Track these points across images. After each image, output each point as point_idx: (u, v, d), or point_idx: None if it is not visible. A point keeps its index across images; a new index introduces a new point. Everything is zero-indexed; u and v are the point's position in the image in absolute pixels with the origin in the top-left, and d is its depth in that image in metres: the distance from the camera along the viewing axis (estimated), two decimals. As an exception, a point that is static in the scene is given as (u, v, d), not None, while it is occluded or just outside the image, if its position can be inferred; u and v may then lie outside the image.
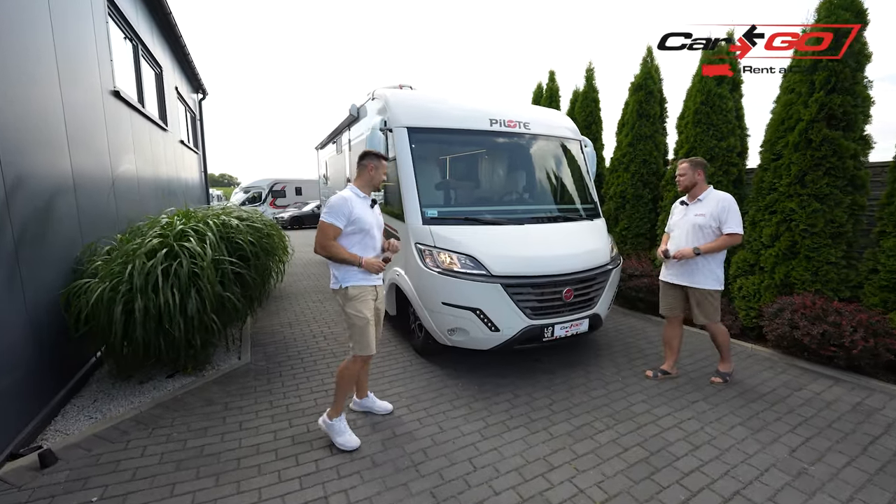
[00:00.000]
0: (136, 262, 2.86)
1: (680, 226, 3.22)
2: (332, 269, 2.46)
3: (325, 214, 2.35)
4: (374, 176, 2.50)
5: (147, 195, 5.50)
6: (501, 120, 3.83)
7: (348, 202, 2.35)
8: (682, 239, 3.17)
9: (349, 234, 2.39)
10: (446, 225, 3.36)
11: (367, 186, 2.52)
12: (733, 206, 3.02)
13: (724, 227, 3.00)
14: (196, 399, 2.97)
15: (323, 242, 2.34)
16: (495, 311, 3.11)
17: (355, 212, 2.36)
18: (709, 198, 3.09)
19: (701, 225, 3.06)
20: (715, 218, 3.02)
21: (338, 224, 2.33)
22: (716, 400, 3.01)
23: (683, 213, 3.23)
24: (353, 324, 2.41)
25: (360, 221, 2.38)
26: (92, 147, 3.78)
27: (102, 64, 4.23)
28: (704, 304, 3.13)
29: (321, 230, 2.37)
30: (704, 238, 3.06)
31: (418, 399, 3.02)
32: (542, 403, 2.96)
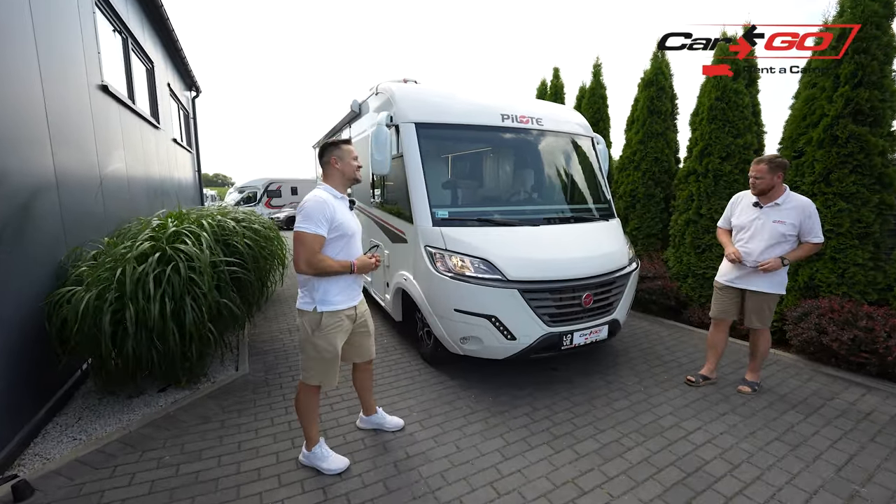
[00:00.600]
0: (126, 268, 2.63)
1: (755, 230, 2.92)
2: (305, 286, 2.08)
3: (304, 222, 1.95)
4: (345, 168, 2.14)
5: (138, 195, 5.25)
6: (513, 115, 3.64)
7: (326, 204, 2.00)
8: (759, 245, 2.88)
9: (331, 241, 2.05)
10: (458, 226, 3.16)
11: (342, 184, 2.18)
12: (816, 213, 2.80)
13: (809, 235, 2.80)
14: (190, 416, 2.75)
15: (310, 259, 1.95)
16: (512, 319, 2.92)
17: (336, 215, 2.03)
18: (788, 203, 2.83)
19: (783, 233, 2.82)
20: (797, 226, 2.80)
21: (321, 232, 1.97)
22: (745, 411, 2.84)
23: (757, 215, 2.92)
24: (319, 357, 2.07)
25: (343, 226, 2.06)
26: (77, 144, 3.54)
27: (89, 57, 3.98)
28: (764, 309, 2.96)
29: (303, 243, 1.95)
30: (784, 246, 2.84)
31: (430, 413, 2.82)
32: (563, 417, 2.76)
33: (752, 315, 3.00)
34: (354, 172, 2.18)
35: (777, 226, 2.84)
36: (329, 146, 2.16)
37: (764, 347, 3.07)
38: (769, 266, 2.81)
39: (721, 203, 4.46)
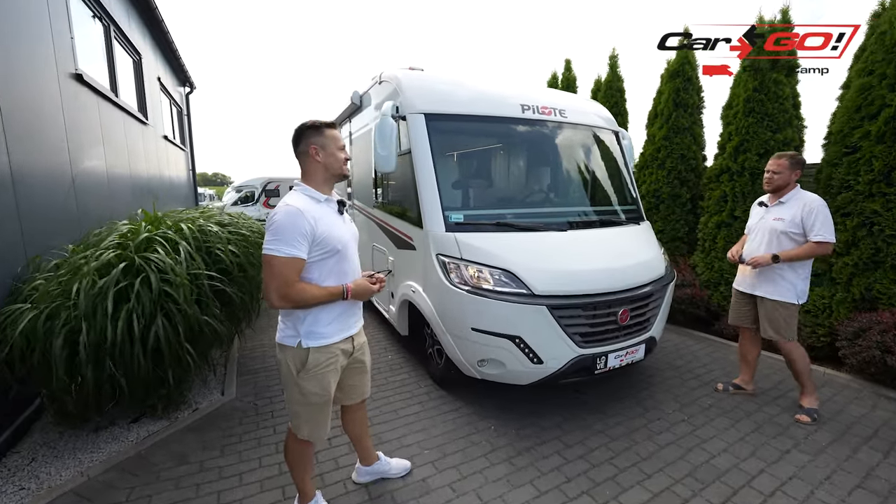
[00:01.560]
0: (83, 282, 2.22)
1: (756, 230, 2.84)
2: (285, 316, 1.65)
3: (273, 242, 1.49)
4: (329, 161, 1.65)
5: (121, 195, 4.84)
6: (534, 106, 3.23)
7: (302, 215, 1.52)
8: (757, 246, 2.79)
9: (315, 262, 1.59)
10: (475, 232, 2.76)
11: (325, 181, 1.68)
12: (823, 209, 2.56)
13: (811, 233, 2.55)
14: (164, 455, 2.34)
15: (284, 291, 1.49)
16: (539, 339, 2.52)
17: (319, 226, 1.55)
18: (792, 200, 2.68)
19: (780, 231, 2.64)
20: (797, 224, 2.60)
21: (297, 253, 1.50)
22: (810, 448, 2.44)
23: (761, 215, 2.84)
24: (309, 404, 1.65)
25: (328, 240, 1.58)
26: (42, 137, 3.14)
27: (60, 41, 3.57)
28: (775, 317, 2.71)
29: (271, 271, 1.49)
30: (783, 246, 2.65)
31: (444, 451, 2.42)
32: (601, 457, 2.36)
33: (764, 323, 2.78)
34: (341, 167, 1.68)
35: (775, 223, 2.67)
36: (308, 130, 1.64)
37: (799, 365, 2.74)
38: (755, 261, 2.66)
39: (758, 204, 4.06)
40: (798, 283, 2.66)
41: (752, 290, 2.81)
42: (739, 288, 2.94)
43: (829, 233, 2.52)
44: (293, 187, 1.68)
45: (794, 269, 2.66)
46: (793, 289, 2.67)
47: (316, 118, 1.68)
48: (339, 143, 1.69)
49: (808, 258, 2.62)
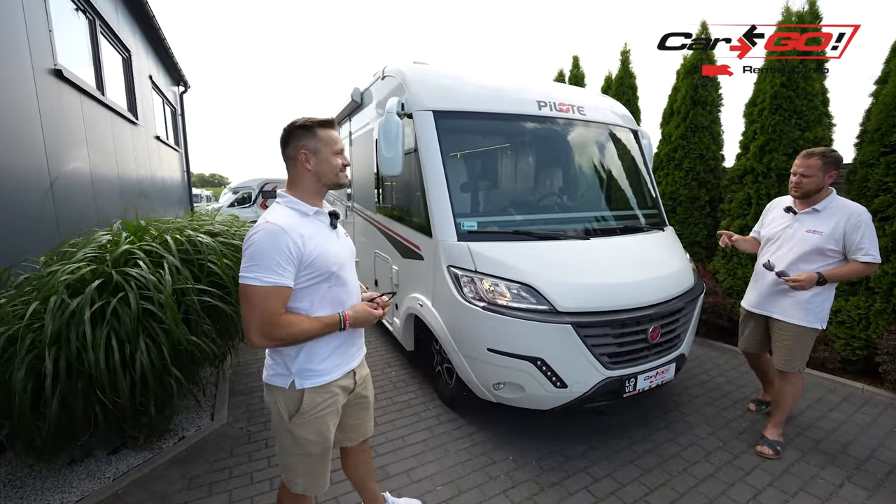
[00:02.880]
0: (52, 301, 1.96)
1: (781, 240, 2.39)
2: (273, 351, 1.39)
3: (251, 269, 1.22)
4: (320, 168, 1.37)
5: (107, 198, 4.56)
6: (552, 103, 2.98)
7: (285, 234, 1.25)
8: (786, 259, 2.34)
9: (304, 288, 1.32)
10: (490, 241, 2.50)
11: (316, 192, 1.41)
12: (870, 223, 2.17)
13: (858, 252, 2.16)
14: (145, 495, 2.08)
15: (268, 328, 1.23)
16: (562, 361, 2.26)
17: (307, 246, 1.29)
18: (830, 209, 2.25)
19: (818, 246, 2.22)
20: (837, 239, 2.19)
21: (281, 281, 1.24)
22: (865, 480, 2.20)
23: (789, 223, 2.39)
24: (302, 453, 1.40)
25: (319, 261, 1.31)
26: (13, 137, 2.87)
27: (36, 34, 3.30)
28: (794, 347, 2.33)
29: (253, 305, 1.22)
30: (817, 264, 2.24)
31: (459, 487, 2.16)
32: (635, 493, 2.11)
33: (780, 353, 2.38)
34: (336, 175, 1.40)
35: (811, 236, 2.24)
36: (298, 131, 1.36)
37: (790, 399, 2.42)
38: (800, 281, 2.17)
39: (785, 207, 3.82)
40: (826, 305, 2.30)
41: (770, 312, 2.42)
42: (751, 308, 2.53)
43: (877, 251, 2.16)
44: (276, 198, 1.40)
45: (825, 292, 2.28)
46: (818, 311, 2.29)
47: (309, 116, 1.39)
48: (336, 147, 1.39)
49: (852, 279, 2.33)
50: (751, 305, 2.55)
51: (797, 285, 2.21)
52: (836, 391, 3.16)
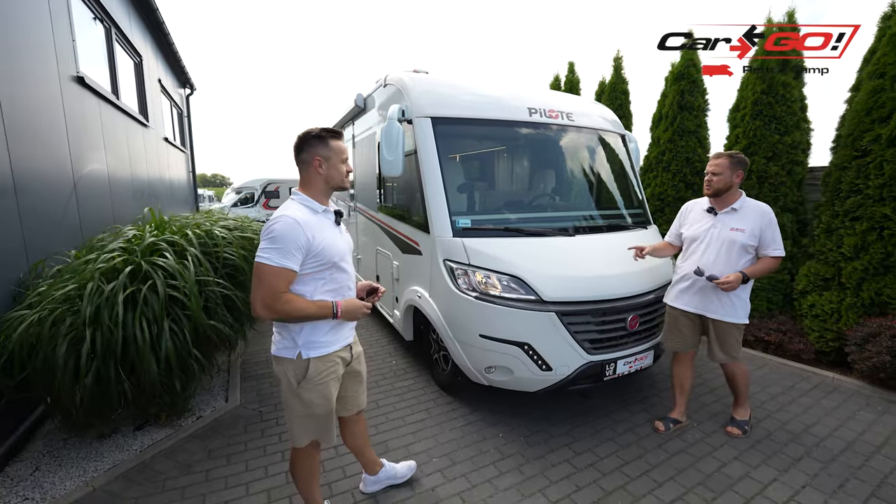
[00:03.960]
0: (89, 287, 2.19)
1: (707, 240, 2.50)
2: (282, 326, 1.62)
3: (268, 251, 1.45)
4: (330, 173, 1.61)
5: (122, 198, 4.80)
6: (542, 109, 3.21)
7: (301, 227, 1.48)
8: (713, 258, 2.46)
9: (310, 274, 1.56)
10: (483, 237, 2.73)
11: (324, 193, 1.65)
12: (776, 221, 2.40)
13: (769, 248, 2.38)
14: (169, 464, 2.31)
15: (270, 301, 1.46)
16: (548, 346, 2.49)
17: (316, 239, 1.52)
18: (745, 209, 2.44)
19: (743, 244, 2.39)
20: (756, 236, 2.38)
21: (289, 265, 1.47)
22: (823, 455, 2.42)
23: (711, 223, 2.51)
24: (312, 414, 1.63)
25: (325, 252, 1.55)
26: (44, 141, 3.10)
27: (62, 45, 3.54)
28: (730, 341, 2.51)
29: (262, 280, 1.46)
30: (741, 261, 2.41)
31: (453, 459, 2.39)
32: (611, 465, 2.34)
33: (714, 346, 2.55)
34: (342, 180, 1.65)
35: (735, 234, 2.40)
36: (313, 139, 1.59)
37: (743, 383, 2.63)
38: (730, 282, 2.30)
39: (765, 207, 4.04)
40: (747, 300, 2.49)
41: (706, 312, 2.51)
42: (682, 308, 2.58)
43: (782, 246, 2.39)
44: (291, 195, 1.64)
45: (746, 287, 2.45)
46: (746, 307, 2.48)
47: (321, 127, 1.63)
48: (343, 156, 1.64)
49: (767, 273, 2.47)
50: (684, 305, 2.58)
51: (728, 287, 2.32)
52: (808, 380, 3.37)
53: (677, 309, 2.62)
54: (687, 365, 2.71)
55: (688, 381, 2.73)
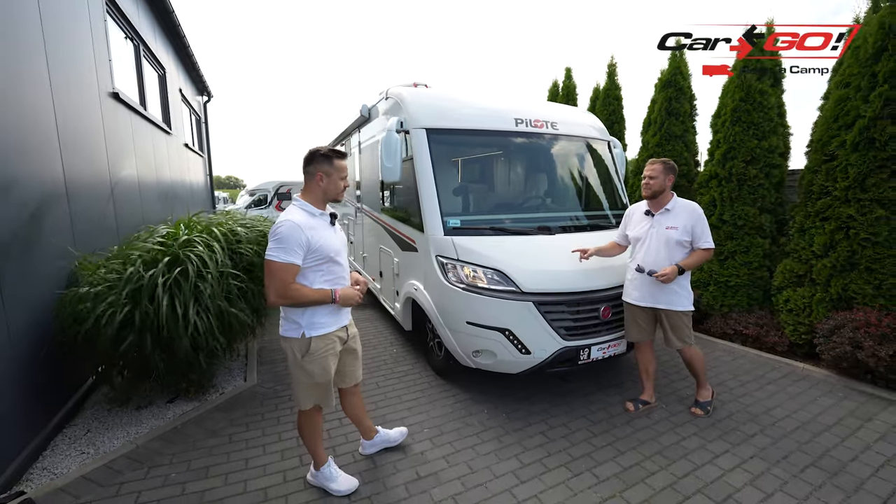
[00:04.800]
0: (129, 271, 2.60)
1: (648, 239, 2.81)
2: (288, 312, 1.94)
3: (275, 250, 1.79)
4: (329, 187, 1.94)
5: (149, 201, 5.26)
6: (527, 119, 3.52)
7: (300, 229, 1.81)
8: (654, 255, 2.76)
9: (311, 267, 1.88)
10: (470, 236, 3.06)
11: (322, 200, 1.98)
12: (704, 217, 2.72)
13: (700, 241, 2.69)
14: (198, 429, 2.70)
15: (281, 291, 1.80)
16: (526, 332, 2.81)
17: (314, 238, 1.84)
18: (677, 208, 2.76)
19: (677, 240, 2.71)
20: (688, 231, 2.69)
21: (294, 260, 1.80)
22: (776, 432, 2.68)
23: (649, 224, 2.82)
24: (314, 383, 1.96)
25: (322, 249, 1.87)
26: (88, 152, 3.54)
27: (100, 64, 3.98)
28: (680, 327, 2.80)
29: (273, 274, 1.79)
30: (678, 255, 2.72)
31: (442, 430, 2.72)
32: (581, 437, 2.64)
33: (669, 335, 2.83)
34: (338, 193, 1.98)
35: (670, 232, 2.72)
36: (320, 157, 1.91)
37: (699, 366, 2.90)
38: (666, 274, 2.61)
39: (745, 209, 4.28)
40: (689, 288, 2.80)
41: (651, 304, 2.80)
42: (639, 303, 2.85)
43: (711, 239, 2.70)
44: (293, 200, 2.00)
45: (686, 277, 2.78)
46: (689, 296, 2.78)
47: (330, 147, 1.96)
48: (343, 174, 1.96)
49: (700, 265, 2.75)
50: (637, 300, 2.86)
51: (665, 278, 2.62)
52: (779, 370, 3.61)
53: (631, 304, 2.92)
54: (647, 352, 3.00)
55: (651, 366, 3.02)
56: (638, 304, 2.87)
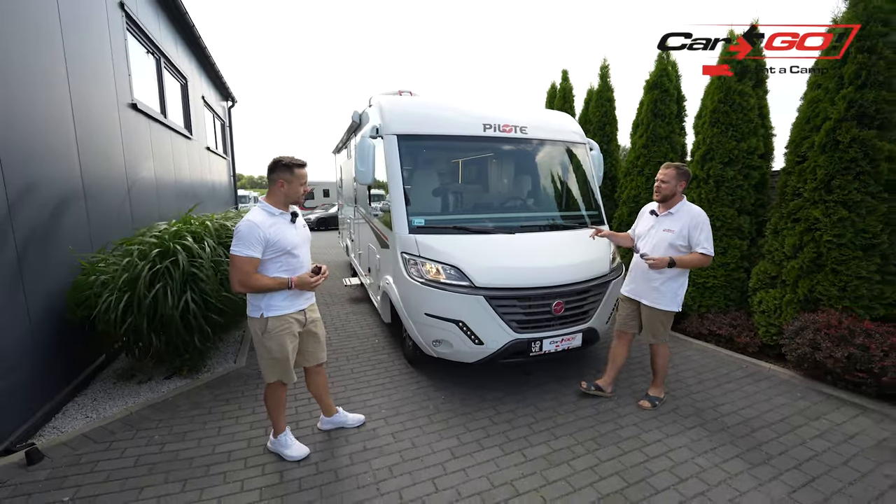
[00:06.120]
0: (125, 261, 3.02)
1: (647, 238, 2.95)
2: (251, 297, 2.25)
3: (235, 246, 2.08)
4: (289, 191, 2.23)
5: (167, 199, 5.79)
6: (496, 125, 3.71)
7: (258, 227, 2.10)
8: (650, 252, 2.89)
9: (270, 259, 2.17)
10: (432, 234, 3.29)
11: (283, 203, 2.26)
12: (707, 223, 2.75)
13: (697, 246, 2.73)
14: (185, 402, 3.07)
15: (241, 279, 2.09)
16: (479, 324, 3.02)
17: (270, 234, 2.13)
18: (680, 212, 2.83)
19: (670, 242, 2.80)
20: (685, 236, 2.77)
21: (253, 254, 2.09)
22: (714, 426, 2.77)
23: (652, 223, 2.96)
24: (272, 358, 2.26)
25: (279, 243, 2.16)
26: (105, 156, 4.01)
27: (120, 78, 4.48)
28: (655, 325, 2.92)
29: (234, 265, 2.09)
30: (672, 255, 2.79)
31: (398, 412, 2.98)
32: (523, 422, 2.83)
33: (645, 330, 2.98)
34: (298, 197, 2.27)
35: (665, 234, 2.82)
36: (282, 166, 2.20)
37: (661, 362, 3.03)
38: (655, 261, 2.71)
39: (724, 210, 4.30)
40: (679, 292, 2.86)
41: (640, 298, 2.96)
42: (628, 295, 3.05)
43: (711, 246, 2.73)
44: (258, 203, 2.29)
45: (676, 280, 2.83)
46: (675, 297, 2.86)
47: (291, 158, 2.25)
48: (303, 180, 2.26)
49: (694, 267, 2.81)
50: (627, 292, 3.07)
51: (653, 263, 2.73)
52: (745, 369, 3.65)
53: (622, 294, 3.13)
54: (623, 344, 3.16)
55: (620, 358, 3.16)
56: (627, 294, 3.08)
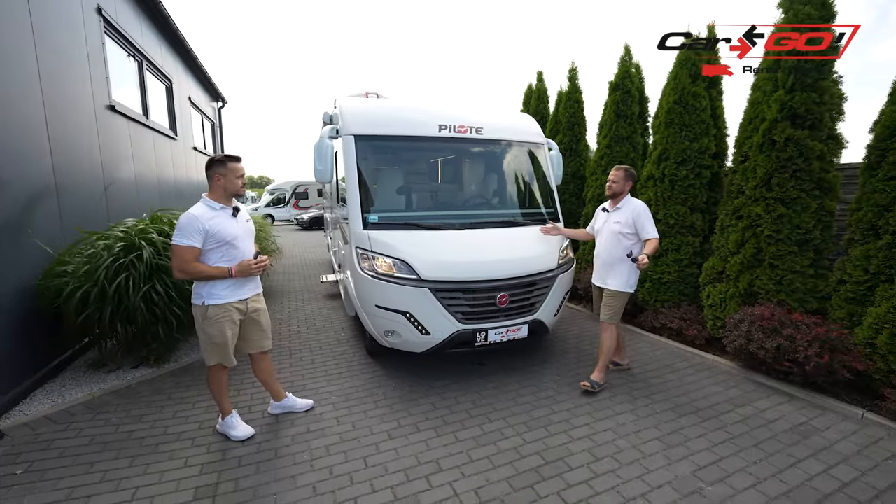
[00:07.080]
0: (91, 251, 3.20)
1: (603, 231, 3.37)
2: (195, 286, 2.41)
3: (176, 236, 2.25)
4: (227, 185, 2.39)
5: (148, 199, 5.95)
6: (451, 125, 3.86)
7: (197, 219, 2.26)
8: (603, 245, 3.35)
9: (211, 249, 2.33)
10: (384, 230, 3.45)
11: (225, 197, 2.42)
12: (646, 212, 3.16)
13: (644, 233, 3.14)
14: (147, 388, 3.24)
15: (181, 266, 2.26)
16: (425, 315, 3.17)
17: (210, 226, 2.28)
18: (625, 206, 3.25)
19: (618, 232, 3.22)
20: (630, 225, 3.16)
21: (192, 244, 2.26)
22: (644, 412, 2.93)
23: (605, 219, 3.38)
24: (213, 343, 2.40)
25: (219, 234, 2.32)
26: (80, 155, 4.18)
27: (97, 80, 4.65)
28: (610, 304, 3.27)
29: (175, 254, 2.26)
30: (622, 245, 3.20)
31: (348, 398, 3.14)
32: (463, 407, 2.99)
33: (602, 308, 3.32)
34: (237, 189, 2.42)
35: (614, 226, 3.24)
36: (215, 163, 2.37)
37: (608, 344, 3.28)
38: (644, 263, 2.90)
39: (677, 208, 4.44)
40: (632, 276, 3.23)
41: (604, 284, 3.33)
42: (595, 282, 3.45)
43: (654, 230, 3.13)
44: (201, 199, 2.44)
45: (631, 267, 3.18)
46: (624, 279, 3.23)
47: (225, 153, 2.43)
48: (238, 173, 2.42)
49: (654, 252, 3.10)
50: (595, 280, 3.47)
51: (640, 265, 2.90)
52: (689, 360, 3.80)
53: (593, 284, 3.48)
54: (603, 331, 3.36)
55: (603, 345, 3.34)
56: (595, 283, 3.46)
